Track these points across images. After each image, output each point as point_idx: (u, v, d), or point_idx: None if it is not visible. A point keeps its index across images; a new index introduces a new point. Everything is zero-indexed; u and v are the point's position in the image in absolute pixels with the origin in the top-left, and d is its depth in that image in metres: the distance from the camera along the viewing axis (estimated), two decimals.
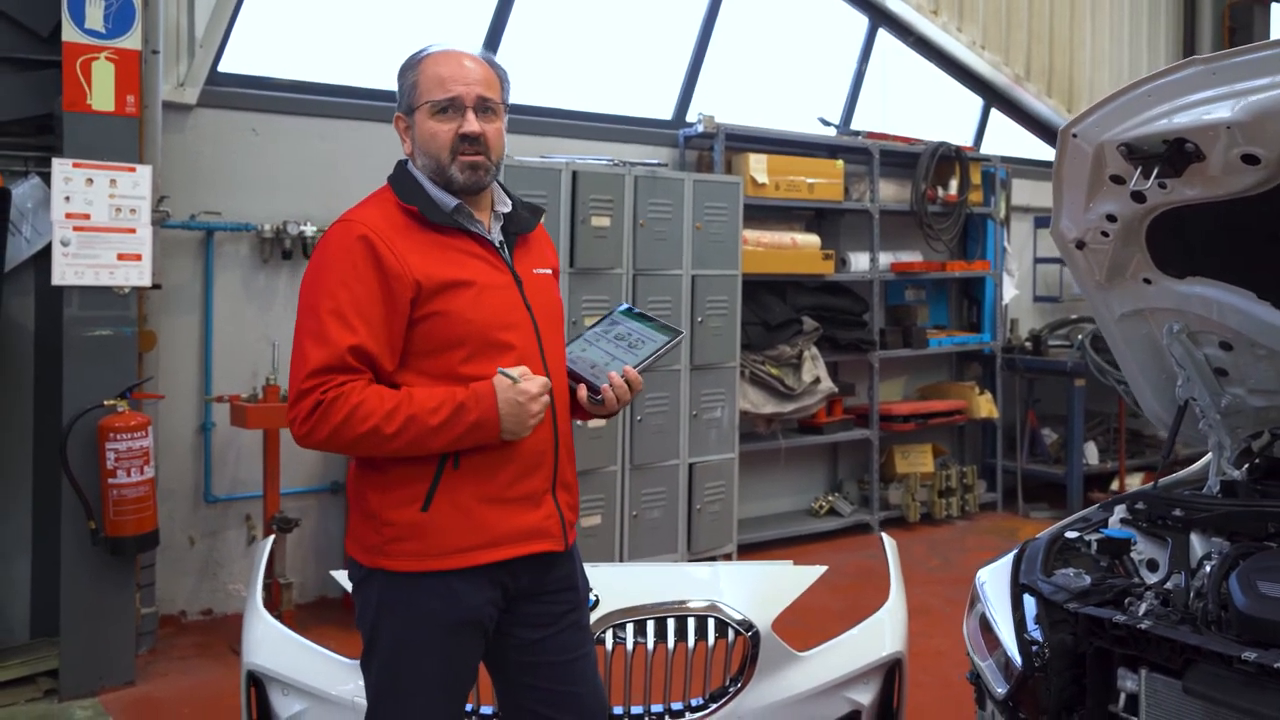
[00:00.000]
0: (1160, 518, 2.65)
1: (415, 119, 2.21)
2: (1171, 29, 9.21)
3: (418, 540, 2.14)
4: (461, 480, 2.15)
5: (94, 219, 4.23)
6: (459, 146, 2.17)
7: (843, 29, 7.53)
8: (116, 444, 4.22)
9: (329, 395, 2.06)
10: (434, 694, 2.20)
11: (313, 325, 2.10)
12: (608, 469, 5.59)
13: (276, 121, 5.33)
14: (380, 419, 2.06)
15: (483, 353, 2.16)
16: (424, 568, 2.14)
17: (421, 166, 2.23)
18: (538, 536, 2.23)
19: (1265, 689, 1.94)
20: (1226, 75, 2.11)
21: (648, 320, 2.42)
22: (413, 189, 2.21)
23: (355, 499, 2.25)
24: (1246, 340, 2.64)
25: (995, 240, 7.63)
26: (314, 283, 2.14)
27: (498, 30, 6.04)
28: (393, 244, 2.11)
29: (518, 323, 2.23)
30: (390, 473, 2.16)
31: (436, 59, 2.22)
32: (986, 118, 8.34)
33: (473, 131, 2.17)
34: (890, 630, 3.26)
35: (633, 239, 5.60)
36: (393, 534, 2.15)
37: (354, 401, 2.06)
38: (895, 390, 7.67)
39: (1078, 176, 2.48)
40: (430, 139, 2.19)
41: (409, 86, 2.22)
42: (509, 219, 2.31)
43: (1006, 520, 7.49)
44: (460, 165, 2.18)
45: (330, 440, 2.08)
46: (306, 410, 2.07)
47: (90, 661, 4.32)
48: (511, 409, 2.12)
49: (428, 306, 2.12)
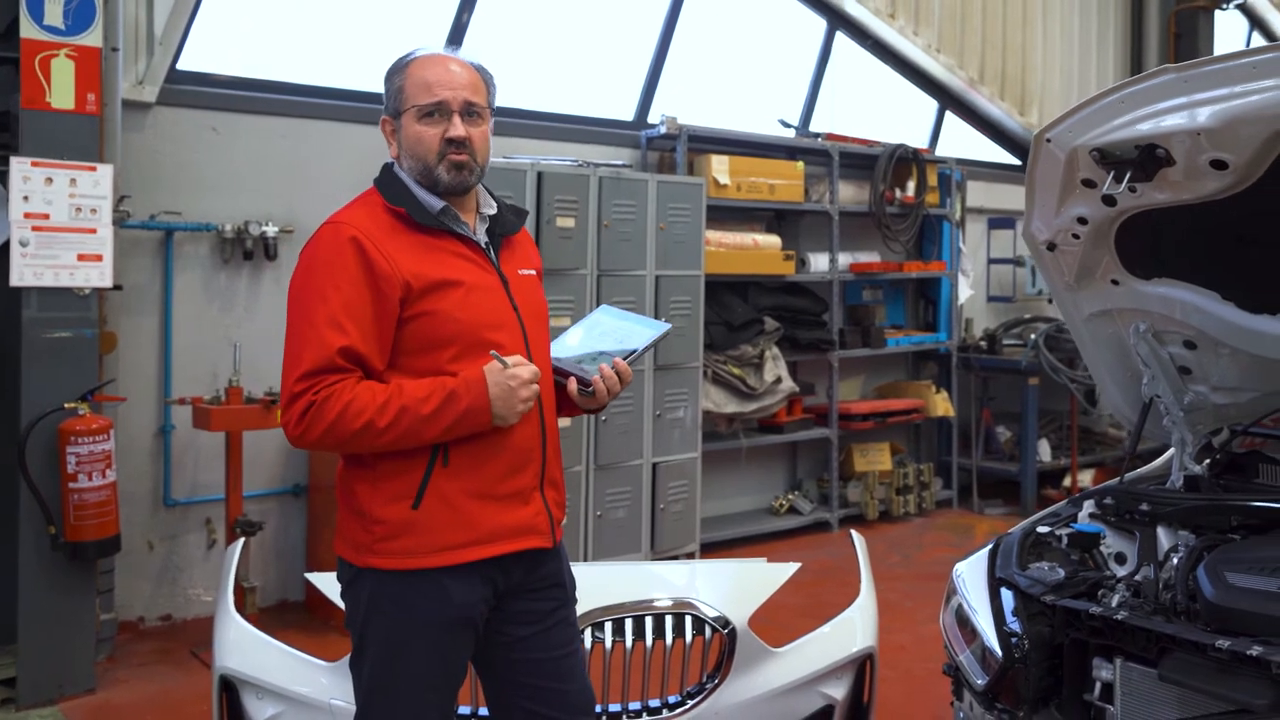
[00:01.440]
0: (1128, 512, 2.73)
1: (402, 122, 2.23)
2: (1119, 35, 9.43)
3: (408, 538, 2.15)
4: (451, 477, 2.16)
5: (53, 219, 4.16)
6: (445, 149, 2.20)
7: (801, 32, 7.61)
8: (78, 448, 4.15)
9: (320, 395, 2.07)
10: (426, 692, 2.21)
11: (304, 328, 2.11)
12: (572, 469, 5.60)
13: (237, 120, 5.27)
14: (373, 413, 2.07)
15: (470, 352, 2.18)
16: (415, 565, 2.15)
17: (408, 169, 2.25)
18: (527, 533, 2.25)
19: (1238, 675, 2.01)
20: (1197, 83, 2.18)
21: (632, 317, 2.46)
22: (400, 191, 2.23)
23: (344, 498, 2.26)
24: (1210, 339, 2.73)
25: (951, 241, 7.76)
26: (304, 285, 2.15)
27: (460, 29, 6.03)
28: (382, 245, 2.13)
29: (505, 322, 2.25)
30: (379, 470, 2.17)
31: (423, 63, 2.24)
32: (941, 120, 8.48)
33: (458, 135, 2.20)
34: (862, 625, 3.30)
35: (597, 240, 5.61)
36: (383, 532, 2.16)
37: (346, 399, 2.07)
38: (853, 389, 7.76)
39: (1050, 180, 2.54)
40: (417, 142, 2.21)
41: (395, 90, 2.24)
42: (494, 221, 2.34)
43: (962, 517, 7.62)
44: (446, 166, 2.20)
45: (324, 439, 2.09)
46: (299, 412, 2.08)
47: (49, 669, 4.24)
48: (502, 393, 2.13)
49: (417, 306, 2.14)
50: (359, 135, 5.52)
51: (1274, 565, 2.27)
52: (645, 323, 2.41)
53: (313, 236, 2.20)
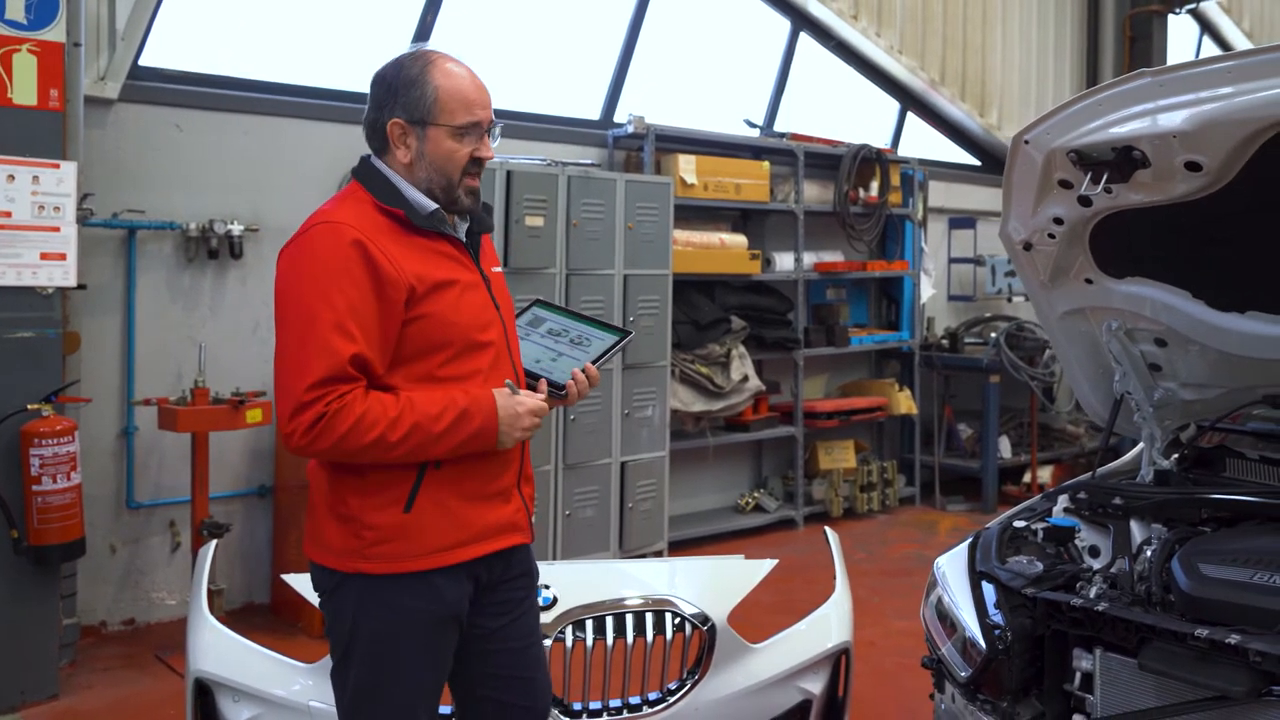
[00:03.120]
0: (1101, 506, 2.78)
1: (428, 134, 2.17)
2: (1076, 38, 9.59)
3: (401, 542, 2.15)
4: (443, 480, 2.17)
5: (15, 217, 4.08)
6: (470, 169, 2.21)
7: (765, 32, 7.65)
8: (41, 450, 4.08)
9: (332, 407, 2.04)
10: (418, 692, 2.22)
11: (309, 334, 2.06)
12: (541, 468, 5.59)
13: (201, 118, 5.20)
14: (385, 427, 2.06)
15: (464, 354, 2.19)
16: (406, 568, 2.15)
17: (422, 179, 2.20)
18: (510, 530, 2.30)
19: (1216, 663, 2.07)
20: (1174, 87, 2.23)
21: (576, 315, 2.52)
22: (392, 191, 2.19)
23: (326, 505, 2.22)
24: (1180, 337, 2.79)
25: (913, 241, 7.84)
26: (304, 287, 2.09)
27: (426, 27, 5.99)
28: (384, 248, 2.10)
29: (491, 321, 2.26)
30: (371, 476, 2.16)
31: (449, 73, 2.19)
32: (903, 121, 8.58)
33: (489, 156, 2.22)
34: (837, 621, 3.34)
35: (566, 239, 5.61)
36: (375, 537, 2.15)
37: (358, 412, 2.05)
38: (817, 388, 7.82)
39: (1027, 181, 2.58)
40: (448, 158, 2.18)
41: (427, 101, 2.16)
42: (473, 220, 2.33)
43: (925, 513, 7.71)
44: (465, 189, 2.22)
45: (332, 450, 2.07)
46: (308, 422, 2.04)
47: (11, 675, 4.16)
48: (508, 417, 2.18)
49: (418, 309, 2.13)
50: (325, 133, 5.47)
51: (1245, 556, 2.33)
52: (594, 324, 2.47)
53: (306, 236, 2.14)
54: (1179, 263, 2.66)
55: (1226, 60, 2.20)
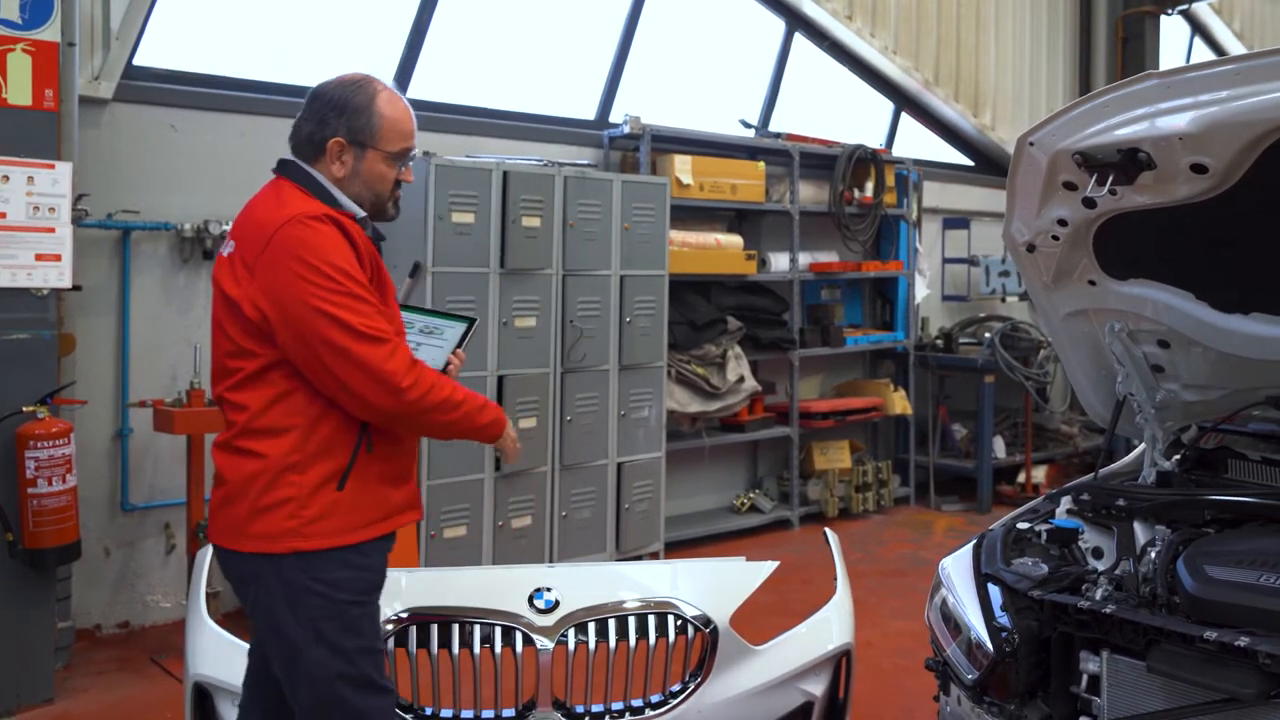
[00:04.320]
0: (1104, 508, 2.79)
1: (366, 154, 2.42)
2: (1069, 39, 9.61)
3: (336, 518, 2.32)
4: (371, 462, 2.38)
5: (10, 218, 4.05)
6: (395, 189, 2.50)
7: (760, 32, 7.65)
8: (37, 452, 4.05)
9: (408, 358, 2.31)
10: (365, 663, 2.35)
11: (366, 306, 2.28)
12: (538, 469, 5.58)
13: (196, 118, 5.18)
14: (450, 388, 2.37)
15: None
16: (340, 543, 2.32)
17: (353, 193, 2.43)
18: (412, 509, 2.54)
19: (1225, 665, 2.07)
20: (1180, 89, 2.23)
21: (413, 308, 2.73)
22: (330, 197, 2.41)
23: (255, 494, 2.31)
24: (1183, 338, 2.79)
25: (908, 241, 7.85)
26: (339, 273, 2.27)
27: (421, 27, 5.97)
28: (363, 241, 2.37)
29: (394, 316, 2.49)
30: (306, 459, 2.31)
31: (394, 101, 2.45)
32: (897, 121, 8.58)
33: (409, 180, 2.53)
34: (838, 623, 3.34)
35: (562, 239, 5.59)
36: (311, 515, 2.30)
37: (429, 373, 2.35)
38: (813, 388, 7.83)
39: (1031, 183, 2.58)
40: (379, 179, 2.45)
41: (371, 126, 2.40)
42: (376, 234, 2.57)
43: (920, 513, 7.72)
44: (394, 203, 2.52)
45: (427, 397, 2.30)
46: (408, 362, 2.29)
47: (7, 679, 4.13)
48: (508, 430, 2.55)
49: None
50: None
51: (1250, 558, 2.34)
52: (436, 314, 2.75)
53: (316, 229, 2.29)
54: (1182, 264, 2.67)
55: (1232, 63, 2.20)
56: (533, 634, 2.98)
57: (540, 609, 3.01)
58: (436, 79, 6.12)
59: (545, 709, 2.99)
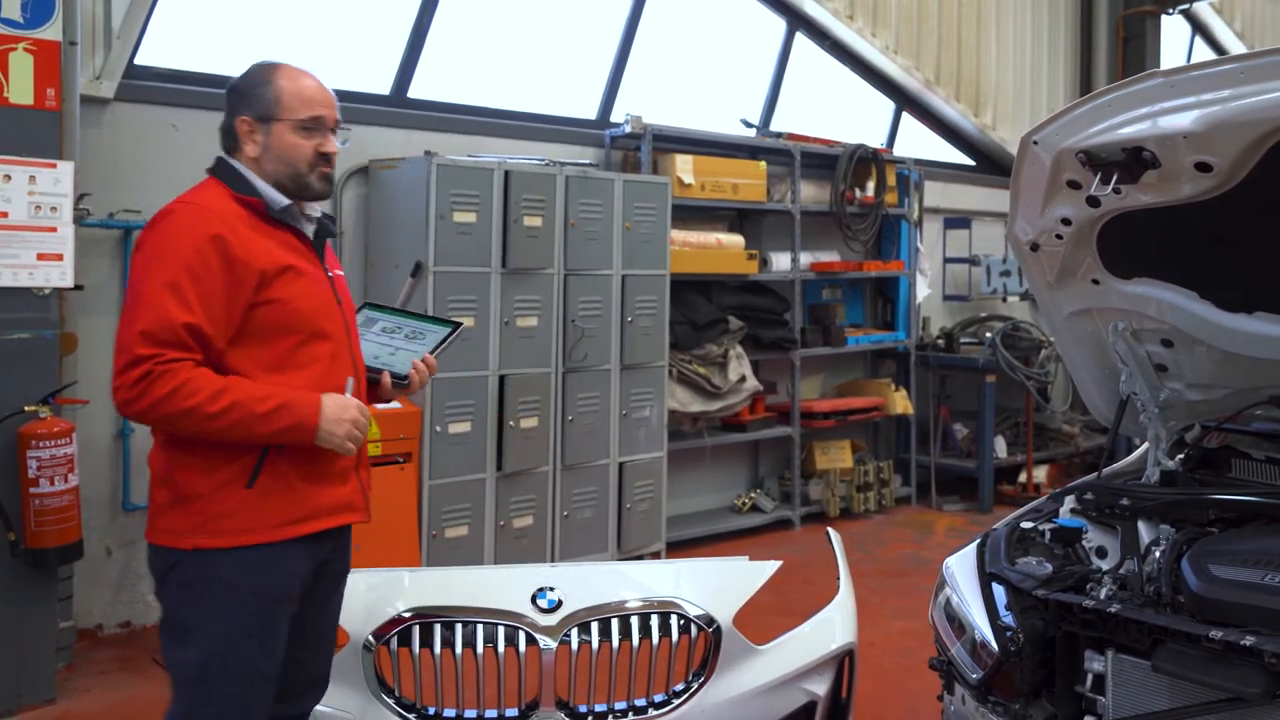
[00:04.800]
0: (1108, 507, 2.78)
1: (273, 129, 2.37)
2: (1070, 38, 9.61)
3: (241, 516, 2.26)
4: (284, 458, 2.30)
5: (12, 217, 4.05)
6: (318, 162, 2.40)
7: (761, 32, 7.65)
8: (39, 452, 4.05)
9: (159, 369, 2.15)
10: (256, 668, 2.29)
11: (153, 300, 2.18)
12: (539, 469, 5.58)
13: (197, 117, 5.15)
14: (205, 398, 2.17)
15: (309, 342, 2.36)
16: (246, 542, 2.26)
17: (269, 171, 2.38)
18: (347, 509, 2.45)
19: (1231, 665, 2.07)
20: (1184, 88, 2.23)
21: (404, 312, 2.71)
22: (247, 185, 2.36)
23: (166, 485, 2.31)
24: (1187, 337, 2.79)
25: (909, 241, 7.85)
26: (156, 261, 2.22)
27: (423, 26, 5.97)
28: (239, 234, 2.27)
29: (332, 313, 2.44)
30: (209, 454, 2.25)
31: (294, 75, 2.42)
32: (898, 121, 8.58)
33: (334, 151, 2.43)
34: (841, 622, 3.34)
35: (564, 239, 5.59)
36: (215, 512, 2.25)
37: (182, 378, 2.16)
38: (814, 388, 7.82)
39: (1035, 182, 2.58)
40: (291, 150, 2.37)
41: (269, 98, 2.37)
42: (319, 224, 2.51)
43: (921, 513, 7.71)
44: (318, 176, 2.41)
45: (150, 411, 2.17)
46: (134, 379, 2.15)
47: (8, 679, 4.12)
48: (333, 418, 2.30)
49: (267, 293, 2.29)
50: None
51: (1255, 557, 2.33)
52: (426, 319, 2.68)
53: (169, 215, 2.28)
54: (1186, 263, 2.67)
55: (1237, 61, 2.20)
56: (536, 634, 2.97)
57: (543, 609, 3.01)
58: (438, 79, 6.11)
59: (548, 709, 2.99)
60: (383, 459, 5.07)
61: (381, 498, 4.99)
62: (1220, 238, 2.54)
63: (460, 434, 5.26)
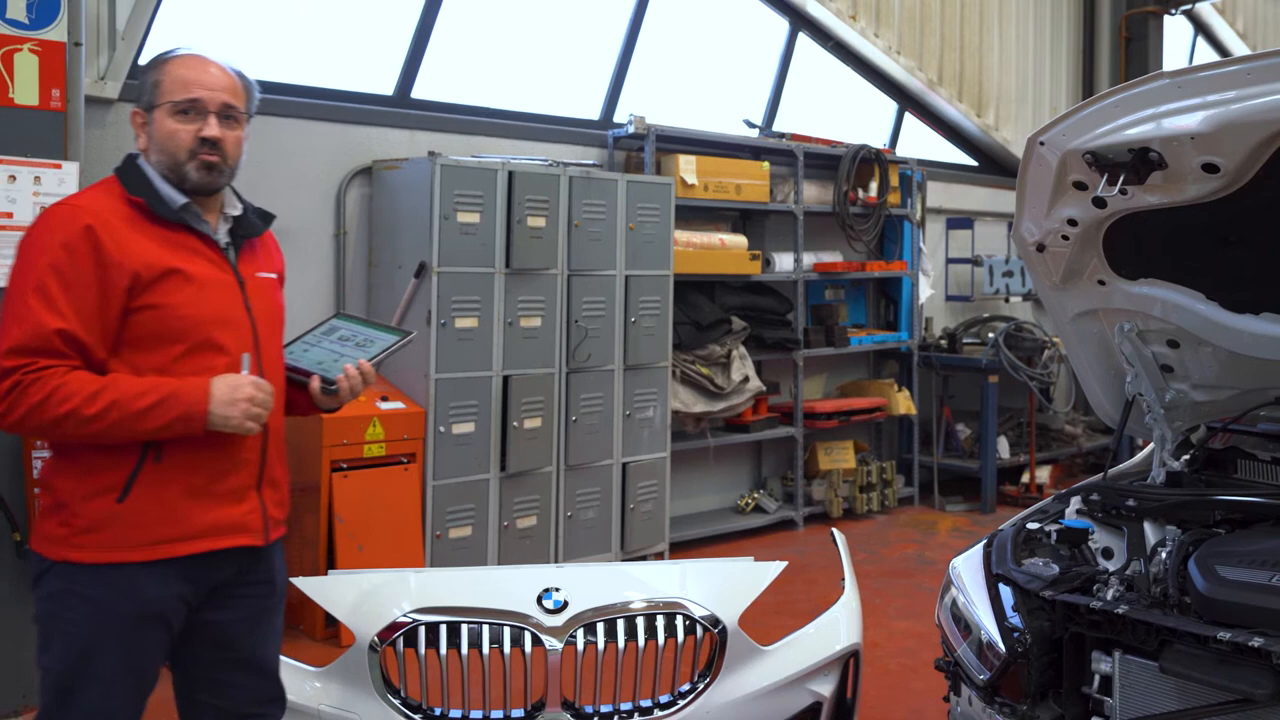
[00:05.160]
0: (1114, 508, 2.78)
1: (154, 116, 2.25)
2: (1072, 38, 9.61)
3: (109, 531, 2.15)
4: (163, 473, 2.18)
5: (17, 217, 4.05)
6: (198, 148, 2.23)
7: (764, 33, 7.65)
8: (43, 452, 4.04)
9: (29, 378, 2.07)
10: (115, 689, 2.19)
11: (21, 307, 2.10)
12: (543, 470, 5.58)
13: None
14: (81, 401, 2.07)
15: (198, 351, 2.22)
16: (110, 559, 2.14)
17: (155, 163, 2.26)
18: (237, 531, 2.28)
19: (1239, 666, 2.07)
20: (1191, 89, 2.23)
21: (370, 323, 2.59)
22: (141, 182, 2.24)
23: (46, 490, 2.24)
24: (1193, 338, 2.79)
25: (912, 241, 7.85)
26: (29, 264, 2.13)
27: (426, 27, 5.97)
28: (115, 231, 2.15)
29: (235, 322, 2.29)
30: (86, 462, 2.17)
31: (183, 61, 2.28)
32: (901, 121, 8.58)
33: (212, 135, 2.23)
34: (846, 623, 3.34)
35: (568, 239, 5.60)
36: (82, 524, 2.15)
37: (55, 384, 2.07)
38: (816, 388, 7.82)
39: (1041, 183, 2.58)
40: (169, 138, 2.23)
41: (151, 85, 2.26)
42: (237, 223, 2.37)
43: (924, 514, 7.71)
44: (196, 165, 2.23)
45: (25, 421, 2.09)
46: (4, 390, 2.07)
47: (13, 679, 4.13)
48: (224, 397, 2.15)
49: (145, 298, 2.16)
50: (326, 133, 5.46)
51: (1262, 558, 2.33)
52: (385, 329, 2.55)
53: (43, 215, 2.20)
54: (1192, 264, 2.67)
55: (1244, 62, 2.20)
56: (541, 634, 2.97)
57: (549, 609, 3.01)
58: (441, 79, 6.12)
59: (554, 709, 2.99)
60: (387, 459, 5.08)
61: (385, 498, 5.05)
62: (1226, 239, 2.54)
63: (464, 434, 5.27)
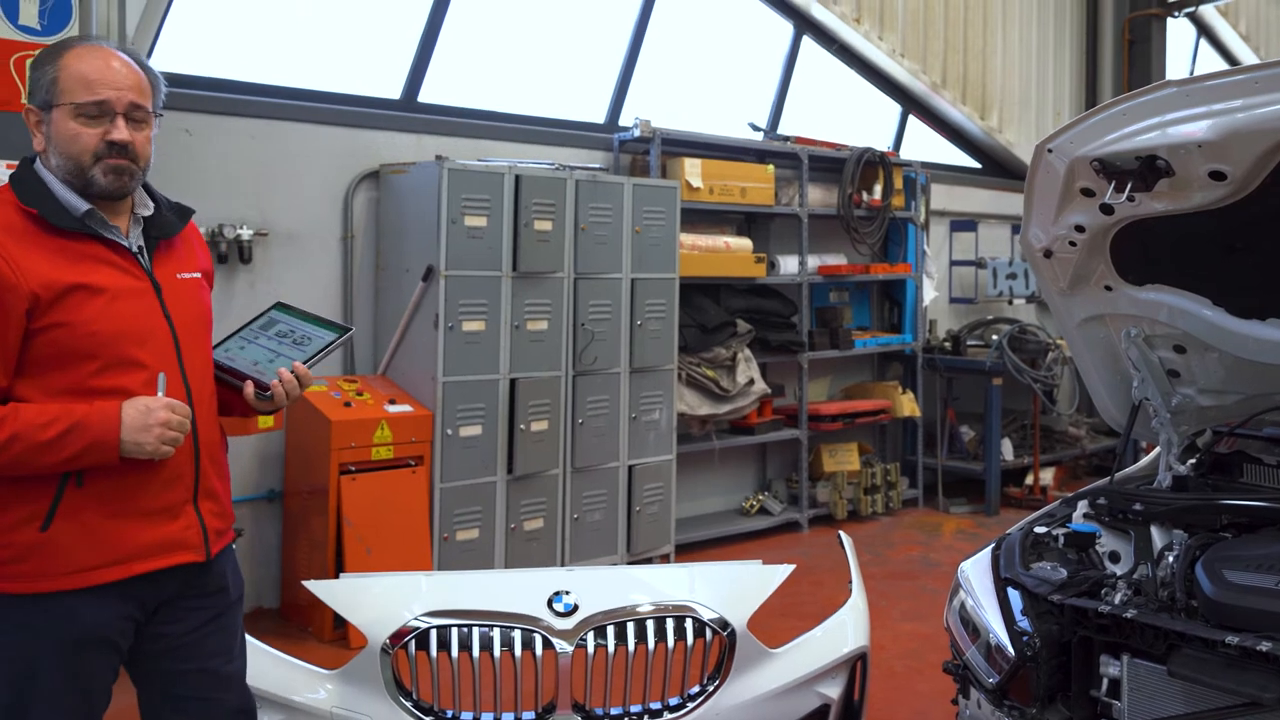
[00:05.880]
0: (1121, 512, 2.80)
1: (53, 116, 2.08)
2: (1076, 41, 9.63)
3: (35, 560, 2.05)
4: (86, 498, 2.07)
5: None
6: (104, 152, 2.07)
7: (768, 36, 7.67)
8: None
9: None
10: (71, 708, 2.10)
11: None
12: (549, 472, 5.60)
13: (211, 122, 5.20)
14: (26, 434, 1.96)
15: (116, 367, 2.08)
16: (41, 589, 2.05)
17: (55, 167, 2.10)
18: (175, 549, 2.17)
19: (1247, 670, 2.09)
20: (1199, 97, 2.25)
21: (310, 317, 2.42)
22: (37, 190, 2.09)
23: None
24: (1199, 343, 2.81)
25: (916, 243, 7.86)
26: None
27: (433, 31, 6.00)
28: (7, 249, 2.00)
29: (153, 331, 2.15)
30: (4, 493, 2.05)
31: (81, 55, 2.10)
32: (904, 124, 8.60)
33: (123, 139, 2.08)
34: (854, 625, 3.36)
35: (574, 243, 5.62)
36: (8, 555, 2.05)
37: None
38: (821, 390, 7.84)
39: (1049, 189, 2.60)
40: (71, 141, 2.06)
41: (47, 81, 2.08)
42: (150, 222, 2.22)
43: (929, 516, 7.73)
44: (104, 169, 2.07)
45: None
46: None
47: None
48: (135, 423, 2.03)
49: (48, 317, 2.02)
50: (333, 137, 5.48)
51: (1269, 562, 2.35)
52: (324, 325, 2.38)
53: None
54: (1199, 270, 2.69)
55: (1251, 71, 2.22)
56: (552, 637, 2.99)
57: (559, 612, 3.02)
58: (448, 83, 6.14)
59: (564, 712, 3.00)
60: (395, 462, 5.11)
61: (393, 501, 5.07)
62: (1233, 245, 2.56)
63: (471, 437, 5.29)
